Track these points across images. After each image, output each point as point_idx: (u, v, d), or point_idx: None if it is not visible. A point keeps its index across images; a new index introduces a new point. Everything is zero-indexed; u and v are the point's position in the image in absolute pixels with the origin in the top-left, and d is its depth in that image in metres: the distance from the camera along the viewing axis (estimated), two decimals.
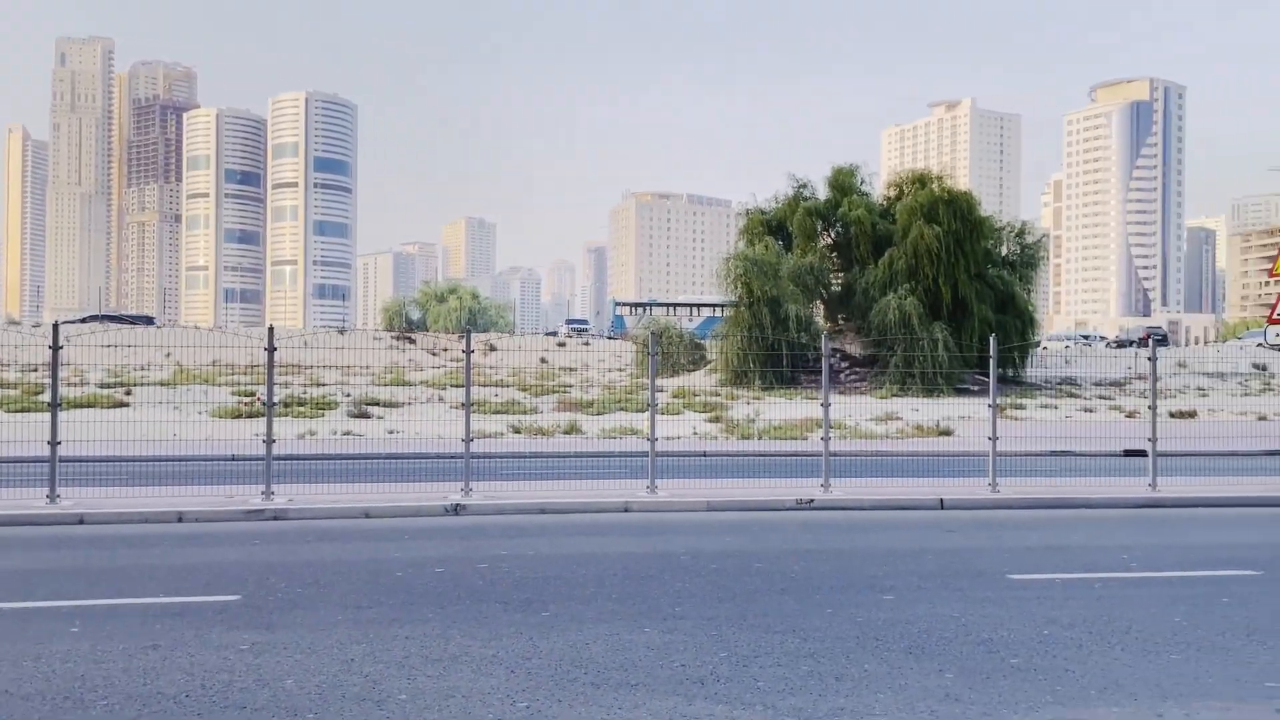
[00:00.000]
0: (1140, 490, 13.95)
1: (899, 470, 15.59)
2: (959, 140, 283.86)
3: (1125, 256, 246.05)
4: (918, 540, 10.98)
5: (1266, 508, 13.53)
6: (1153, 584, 8.81)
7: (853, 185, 44.14)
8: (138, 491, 13.51)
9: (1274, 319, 15.23)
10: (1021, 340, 40.12)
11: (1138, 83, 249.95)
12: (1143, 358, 23.32)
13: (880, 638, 6.92)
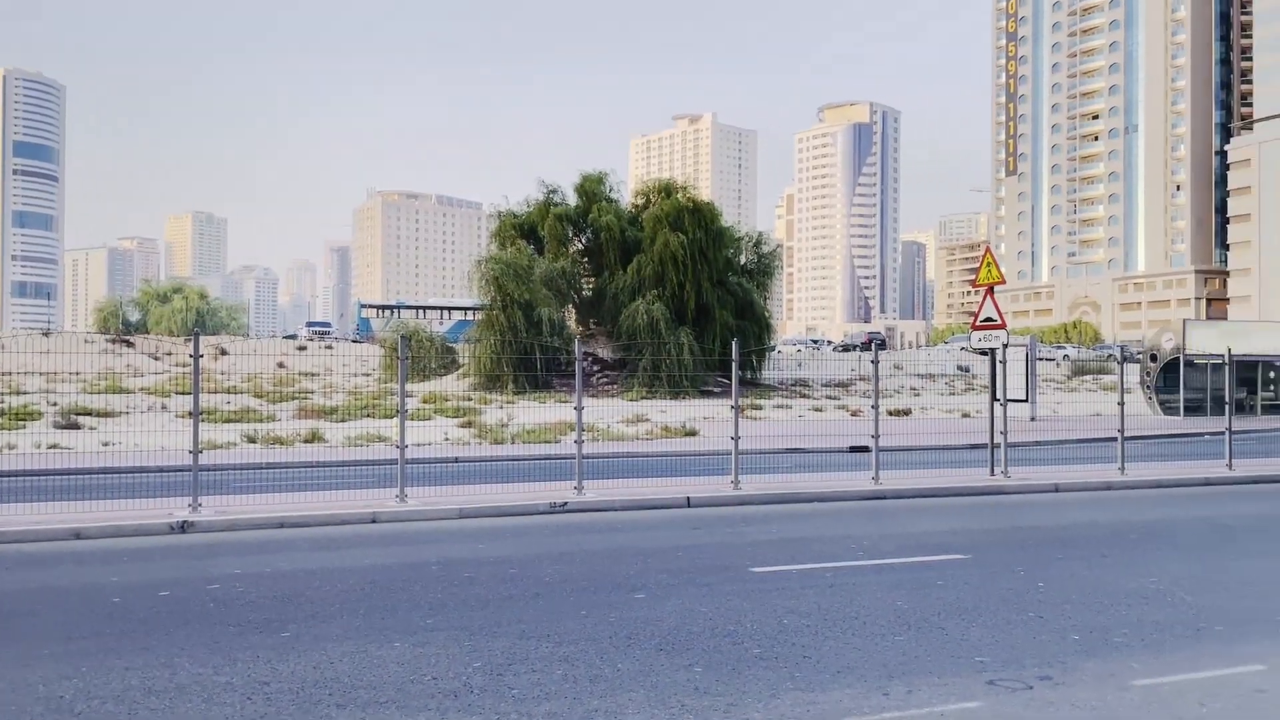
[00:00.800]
0: (865, 484, 15.03)
1: (649, 471, 15.99)
2: (701, 153, 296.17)
3: (849, 267, 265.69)
4: (667, 538, 11.28)
5: (972, 496, 14.95)
6: (878, 571, 9.49)
7: (601, 192, 44.97)
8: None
9: (976, 325, 16.89)
10: (759, 344, 42.34)
11: (859, 105, 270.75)
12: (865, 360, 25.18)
13: (633, 636, 7.02)
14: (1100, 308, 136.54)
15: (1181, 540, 11.29)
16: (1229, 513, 13.52)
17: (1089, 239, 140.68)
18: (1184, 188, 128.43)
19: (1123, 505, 14.12)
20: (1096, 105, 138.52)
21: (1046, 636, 7.13)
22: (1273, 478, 16.98)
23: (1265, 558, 10.25)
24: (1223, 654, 6.72)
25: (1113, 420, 17.54)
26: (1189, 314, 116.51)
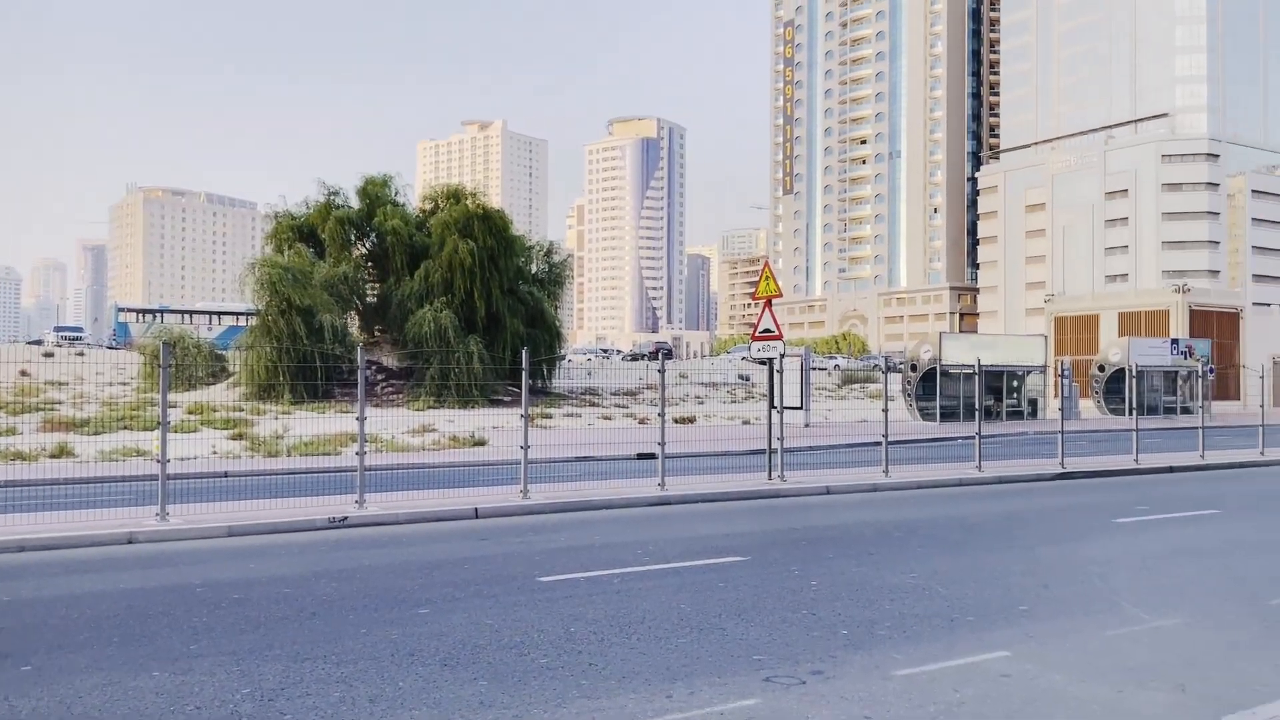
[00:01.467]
0: (651, 490, 15.31)
1: (436, 482, 15.64)
2: (491, 160, 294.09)
3: (638, 278, 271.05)
4: (454, 551, 11.05)
5: (752, 500, 15.53)
6: (663, 575, 9.66)
7: (387, 196, 43.75)
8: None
9: (756, 336, 17.60)
10: (550, 353, 42.38)
11: (648, 121, 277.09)
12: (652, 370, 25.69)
13: (416, 653, 6.82)
14: (868, 320, 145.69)
15: (939, 537, 12.15)
16: (979, 510, 14.69)
17: (857, 256, 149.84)
18: (941, 210, 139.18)
19: (887, 506, 15.05)
20: (864, 131, 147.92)
21: (819, 632, 7.47)
22: (1016, 478, 18.60)
23: (1009, 551, 11.19)
24: (974, 642, 7.26)
25: (878, 426, 18.70)
26: (945, 327, 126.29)
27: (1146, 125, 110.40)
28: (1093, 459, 21.89)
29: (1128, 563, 10.43)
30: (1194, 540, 12.09)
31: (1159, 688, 6.24)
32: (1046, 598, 8.75)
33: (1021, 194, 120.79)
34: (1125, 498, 16.10)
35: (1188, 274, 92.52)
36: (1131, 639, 7.38)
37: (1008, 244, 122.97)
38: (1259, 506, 15.51)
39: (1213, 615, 8.17)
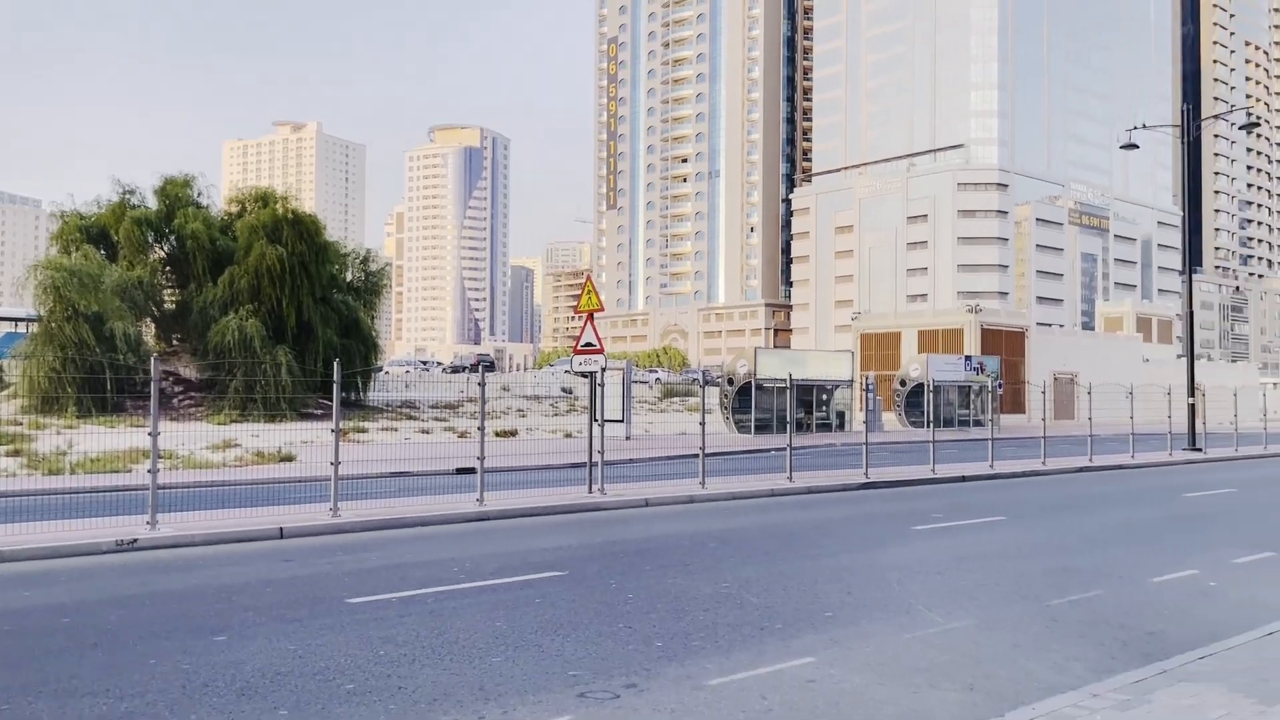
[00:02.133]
0: (469, 505, 15.05)
1: (238, 501, 14.82)
2: (305, 163, 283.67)
3: (460, 289, 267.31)
4: (256, 573, 10.49)
5: (572, 513, 15.50)
6: (479, 593, 9.49)
7: (188, 197, 41.31)
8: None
9: (578, 350, 17.64)
10: (365, 365, 41.08)
11: (470, 130, 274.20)
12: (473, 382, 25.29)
13: (210, 683, 6.42)
14: (688, 335, 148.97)
15: (752, 547, 12.47)
16: (791, 520, 15.19)
17: (679, 272, 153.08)
18: (757, 230, 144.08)
19: (704, 517, 15.35)
20: (686, 150, 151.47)
21: (634, 645, 7.51)
22: (824, 488, 19.36)
23: (817, 559, 11.61)
24: (782, 649, 7.47)
25: (698, 439, 19.08)
26: (761, 342, 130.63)
27: (945, 155, 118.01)
28: (894, 469, 23.06)
29: (923, 568, 11.02)
30: (983, 545, 12.91)
31: (950, 687, 6.59)
32: (850, 603, 9.12)
33: (832, 216, 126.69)
34: (923, 506, 17.03)
35: (980, 295, 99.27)
36: (926, 641, 7.78)
37: (819, 263, 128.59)
38: (1039, 512, 16.73)
39: (999, 616, 8.71)
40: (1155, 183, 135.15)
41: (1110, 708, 5.97)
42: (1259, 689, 6.38)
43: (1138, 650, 7.59)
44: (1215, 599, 9.71)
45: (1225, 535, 14.04)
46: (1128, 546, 12.89)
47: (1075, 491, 20.33)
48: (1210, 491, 20.47)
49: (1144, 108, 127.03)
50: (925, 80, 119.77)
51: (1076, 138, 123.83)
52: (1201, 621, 8.64)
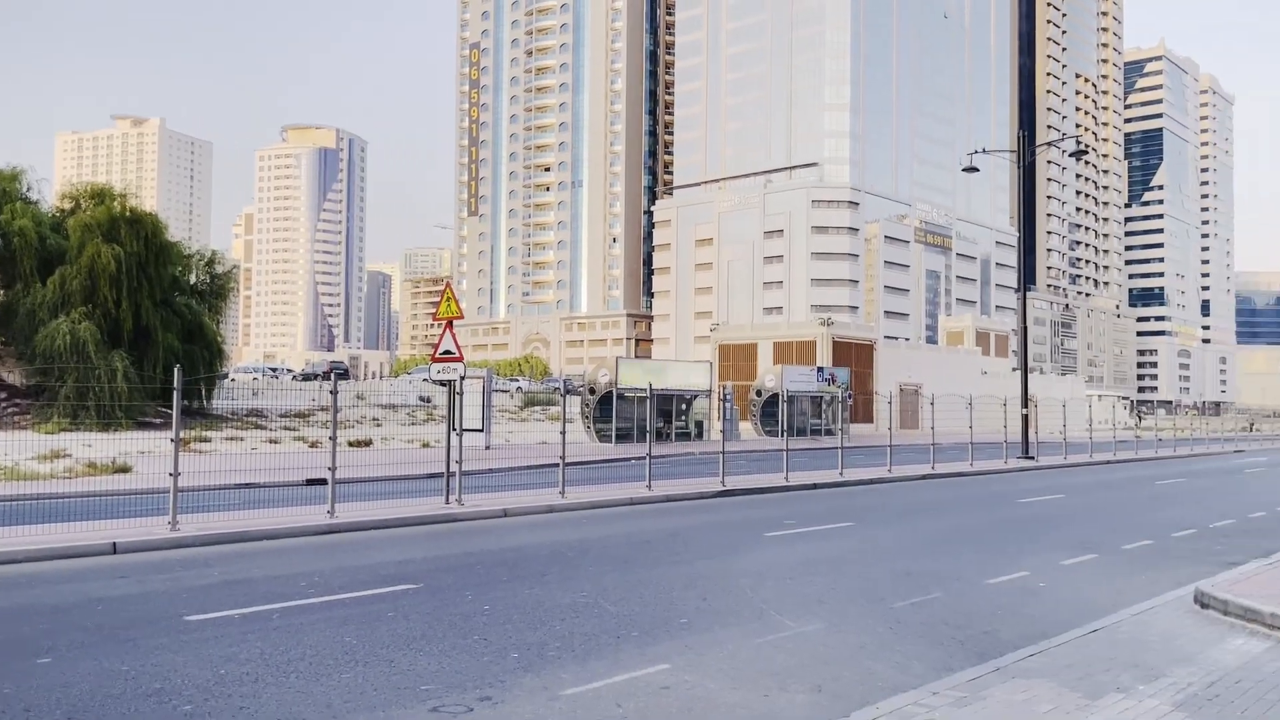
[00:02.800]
0: (320, 518, 14.57)
1: (67, 514, 13.92)
2: (146, 160, 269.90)
3: (313, 293, 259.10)
4: (86, 591, 9.87)
5: (428, 525, 15.21)
6: (329, 607, 9.19)
7: (15, 191, 38.67)
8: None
9: (436, 358, 17.32)
10: (209, 371, 39.30)
11: (326, 130, 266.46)
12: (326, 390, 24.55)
13: (32, 708, 6.00)
14: (550, 344, 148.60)
15: (610, 556, 12.51)
16: (649, 528, 15.32)
17: (541, 280, 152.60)
18: (620, 240, 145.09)
19: (563, 526, 15.32)
20: (549, 158, 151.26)
21: (489, 657, 7.42)
22: (682, 496, 19.62)
23: (674, 566, 11.74)
24: (637, 657, 7.52)
25: (558, 448, 19.02)
26: (622, 352, 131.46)
27: (800, 172, 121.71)
28: (750, 477, 23.57)
29: (776, 573, 11.29)
30: (832, 550, 13.32)
31: (799, 689, 6.77)
32: (704, 610, 9.25)
33: (692, 229, 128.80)
34: (776, 513, 17.46)
35: (832, 309, 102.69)
36: (777, 645, 7.97)
37: (680, 275, 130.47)
38: (886, 518, 17.40)
39: (846, 619, 9.00)
40: (994, 205, 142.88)
41: (948, 705, 6.24)
42: (1084, 684, 6.79)
43: (974, 649, 7.97)
44: (1044, 598, 10.28)
45: (1054, 538, 14.90)
46: (966, 550, 13.53)
47: (919, 497, 21.24)
48: (1041, 497, 21.72)
49: (984, 133, 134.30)
50: (782, 99, 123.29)
51: (922, 160, 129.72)
52: (1032, 620, 9.14)
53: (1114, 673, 7.07)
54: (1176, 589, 10.50)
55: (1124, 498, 22.24)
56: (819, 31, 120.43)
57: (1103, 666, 7.23)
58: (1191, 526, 16.55)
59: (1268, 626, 8.60)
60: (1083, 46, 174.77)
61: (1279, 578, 10.55)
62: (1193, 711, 6.20)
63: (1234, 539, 15.10)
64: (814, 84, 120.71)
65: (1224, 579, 10.44)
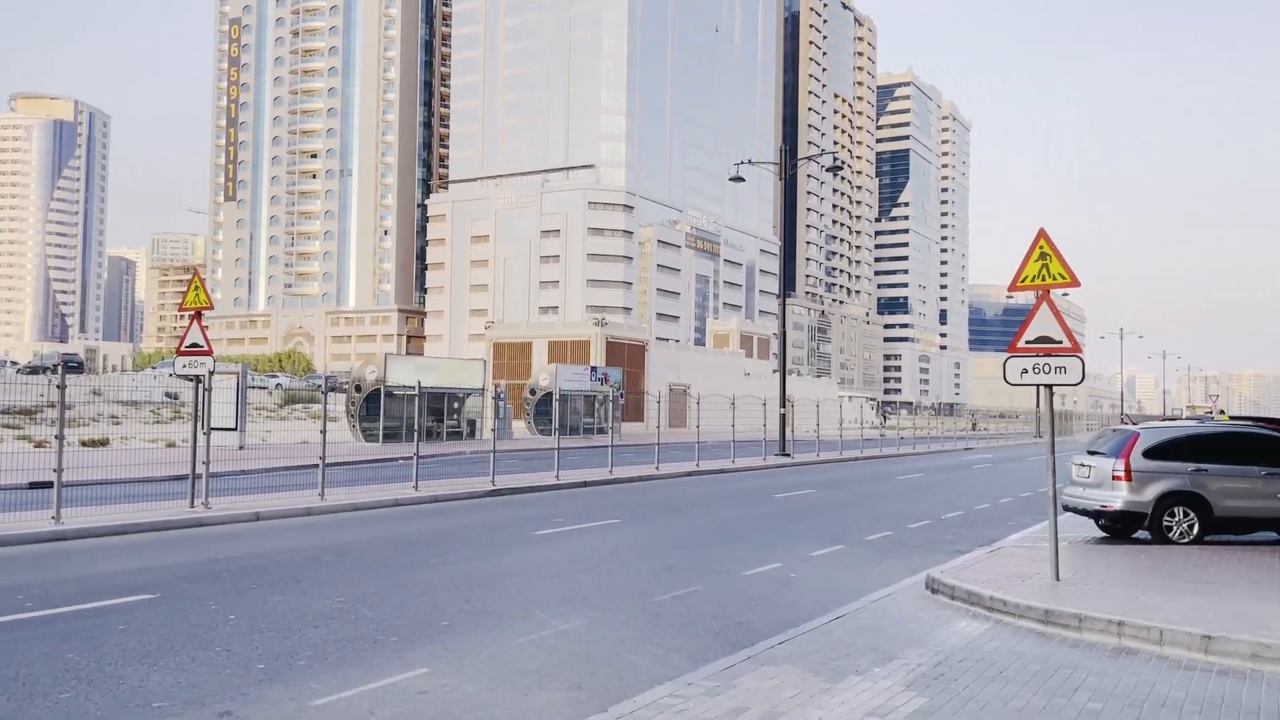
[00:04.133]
0: (44, 524, 13.24)
1: None
2: None
3: (43, 279, 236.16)
4: None
5: (169, 530, 14.14)
6: (49, 622, 8.35)
7: None
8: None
9: (181, 351, 16.13)
10: None
11: (62, 101, 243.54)
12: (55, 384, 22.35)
13: None
14: (314, 339, 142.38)
15: (371, 559, 12.08)
16: (415, 529, 14.93)
17: (306, 272, 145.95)
18: (391, 233, 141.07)
19: (321, 529, 14.66)
20: (316, 145, 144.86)
21: (233, 670, 6.97)
22: (451, 496, 19.26)
23: (438, 568, 11.48)
24: (394, 662, 7.28)
25: (320, 448, 18.18)
26: (393, 349, 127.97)
27: (577, 173, 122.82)
28: (521, 476, 23.49)
29: (542, 572, 11.28)
30: (599, 547, 13.47)
31: (558, 688, 6.77)
32: (468, 611, 9.10)
33: (468, 225, 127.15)
34: (546, 511, 17.48)
35: (607, 309, 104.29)
36: (539, 644, 7.94)
37: (455, 271, 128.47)
38: (652, 514, 17.80)
39: (609, 615, 9.11)
40: (759, 215, 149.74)
41: (702, 694, 6.42)
42: (827, 668, 7.18)
43: (728, 639, 8.26)
44: (795, 588, 10.82)
45: (805, 531, 15.74)
46: (725, 544, 14.04)
47: (684, 494, 21.89)
48: (796, 492, 22.92)
49: (751, 145, 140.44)
50: (560, 99, 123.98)
51: (694, 168, 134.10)
52: (782, 609, 9.58)
53: (853, 657, 7.52)
54: (912, 576, 11.34)
55: (869, 492, 23.84)
56: (596, 35, 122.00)
57: (844, 651, 7.68)
58: (926, 518, 17.94)
59: (987, 609, 9.42)
60: (841, 69, 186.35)
61: (998, 564, 11.60)
62: (921, 690, 6.68)
63: (962, 529, 16.50)
64: (591, 86, 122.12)
65: (951, 566, 11.36)
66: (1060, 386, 10.48)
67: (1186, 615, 8.56)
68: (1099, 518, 14.07)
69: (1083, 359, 10.42)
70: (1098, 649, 8.01)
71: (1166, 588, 10.10)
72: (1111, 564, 11.81)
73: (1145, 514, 13.47)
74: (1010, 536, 14.72)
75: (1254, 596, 9.66)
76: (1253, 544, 13.65)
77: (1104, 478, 13.80)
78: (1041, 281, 10.45)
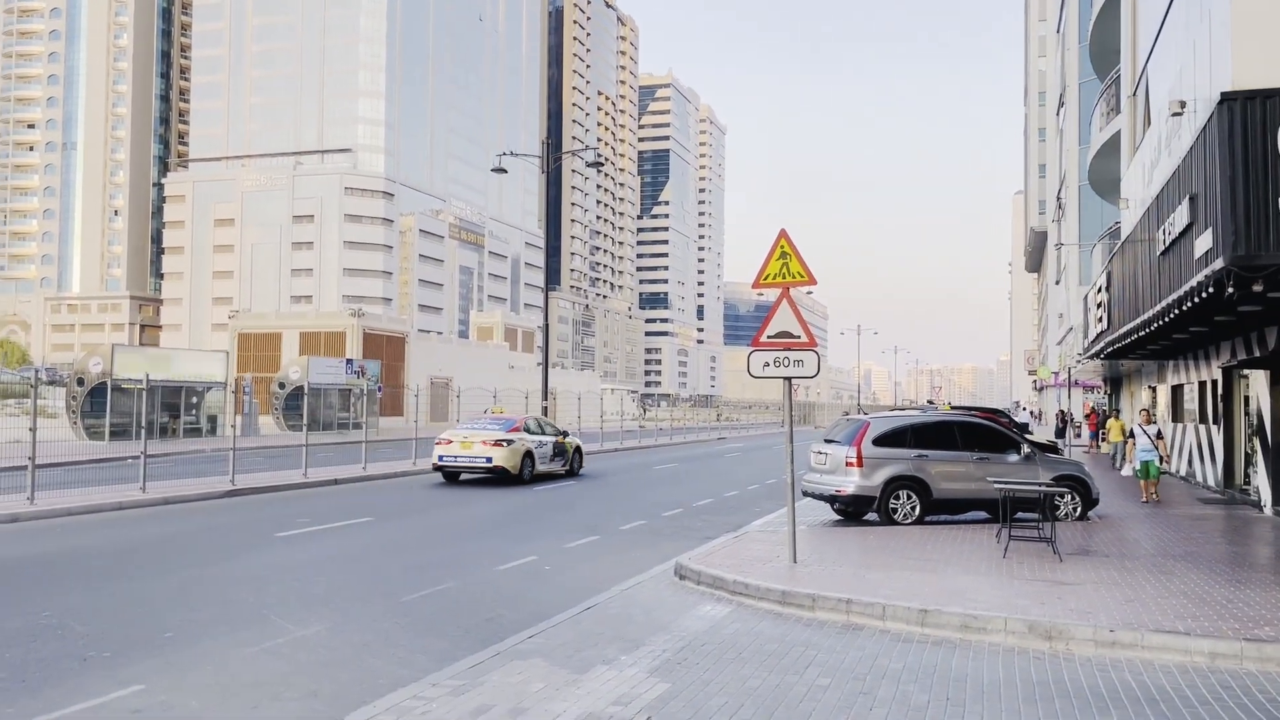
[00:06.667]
0: None
1: None
2: None
3: None
4: None
5: None
6: None
7: None
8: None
9: None
10: None
11: None
12: None
13: None
14: (30, 327, 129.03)
15: (85, 568, 11.01)
16: (139, 535, 13.75)
17: (21, 253, 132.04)
18: (122, 213, 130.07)
19: (29, 538, 13.23)
20: (34, 114, 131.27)
21: None
22: (183, 497, 17.91)
23: (164, 576, 10.60)
24: (107, 680, 6.64)
25: (37, 447, 16.38)
26: (124, 339, 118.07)
27: (333, 157, 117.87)
28: (265, 474, 22.22)
29: (282, 576, 10.67)
30: (347, 547, 12.93)
31: (293, 697, 6.40)
32: (195, 621, 8.45)
33: (211, 207, 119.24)
34: (290, 511, 16.61)
35: (365, 300, 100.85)
36: (274, 652, 7.48)
37: (195, 256, 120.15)
38: (405, 512, 17.30)
39: (354, 618, 8.73)
40: (524, 208, 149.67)
41: (447, 694, 6.25)
42: (574, 660, 7.19)
43: (478, 636, 8.11)
44: (548, 580, 10.81)
45: (563, 522, 15.81)
46: (480, 538, 13.86)
47: (441, 490, 21.43)
48: (555, 485, 22.98)
49: (516, 137, 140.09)
50: (313, 79, 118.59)
51: (457, 157, 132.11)
52: (535, 602, 9.54)
53: (600, 647, 7.58)
54: (662, 564, 11.61)
55: (626, 481, 24.30)
56: (353, 16, 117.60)
57: (592, 642, 7.73)
58: (679, 506, 18.50)
59: (730, 592, 9.79)
60: (605, 67, 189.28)
61: (742, 549, 12.10)
62: (665, 675, 6.82)
63: (711, 516, 17.13)
64: (348, 68, 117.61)
65: (699, 553, 11.74)
66: (798, 379, 11.04)
67: (906, 591, 9.25)
68: (834, 501, 15.00)
69: (819, 353, 11.04)
70: (829, 626, 8.49)
71: (890, 565, 10.88)
72: (844, 545, 12.60)
73: (874, 497, 14.48)
74: (755, 522, 15.41)
75: (964, 571, 10.57)
76: (965, 523, 14.97)
77: (838, 464, 14.72)
78: (782, 279, 10.96)
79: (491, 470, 21.92)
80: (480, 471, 22.15)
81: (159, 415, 35.18)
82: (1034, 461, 15.01)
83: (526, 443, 22.70)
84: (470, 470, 22.23)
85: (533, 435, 23.41)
